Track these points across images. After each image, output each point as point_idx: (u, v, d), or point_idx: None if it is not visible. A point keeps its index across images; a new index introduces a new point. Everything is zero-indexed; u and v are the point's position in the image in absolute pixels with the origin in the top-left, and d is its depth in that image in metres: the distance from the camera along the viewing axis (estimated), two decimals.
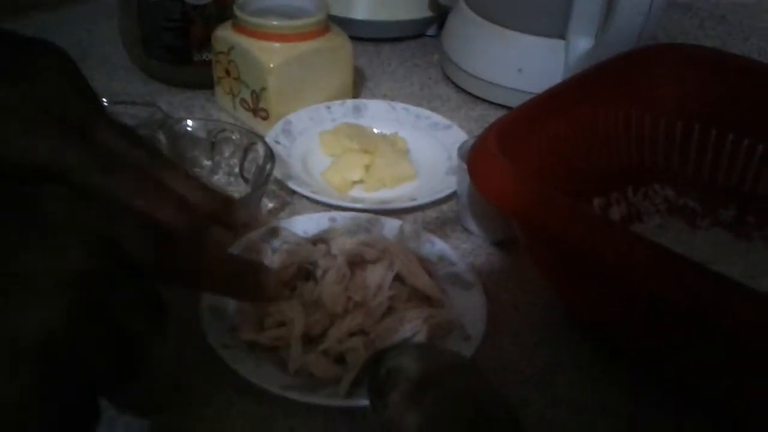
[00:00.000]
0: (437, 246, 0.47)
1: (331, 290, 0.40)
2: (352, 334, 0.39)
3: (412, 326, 0.40)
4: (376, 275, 0.41)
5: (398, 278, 0.43)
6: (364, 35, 0.77)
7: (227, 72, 0.62)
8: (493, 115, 0.67)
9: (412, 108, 0.64)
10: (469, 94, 0.70)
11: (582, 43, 0.64)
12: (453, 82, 0.72)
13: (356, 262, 0.42)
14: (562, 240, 0.35)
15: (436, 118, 0.62)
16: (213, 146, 0.54)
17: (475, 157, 0.39)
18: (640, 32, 0.59)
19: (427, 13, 0.79)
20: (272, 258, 0.44)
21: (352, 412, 0.38)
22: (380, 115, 0.63)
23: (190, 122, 0.54)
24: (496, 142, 0.38)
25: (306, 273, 0.43)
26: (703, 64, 0.52)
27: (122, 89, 0.67)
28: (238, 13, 0.59)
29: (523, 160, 0.40)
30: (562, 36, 0.65)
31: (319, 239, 0.44)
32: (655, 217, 0.52)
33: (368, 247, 0.42)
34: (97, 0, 0.82)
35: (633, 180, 0.52)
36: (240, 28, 0.60)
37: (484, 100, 0.69)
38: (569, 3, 0.63)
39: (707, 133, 0.51)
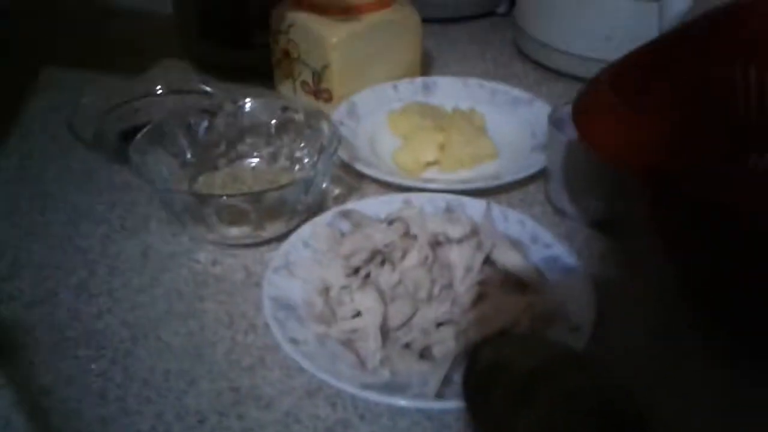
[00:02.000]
0: (528, 226, 0.41)
1: (414, 273, 0.34)
2: (439, 324, 0.33)
3: (511, 316, 0.33)
4: (463, 256, 0.36)
5: (488, 261, 0.37)
6: (431, 15, 0.72)
7: (286, 53, 0.57)
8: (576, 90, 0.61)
9: (488, 83, 0.58)
10: (549, 69, 0.63)
11: (678, 4, 0.57)
12: (530, 59, 0.65)
13: (439, 243, 0.37)
14: (705, 200, 0.28)
15: (516, 92, 0.56)
16: (274, 130, 0.49)
17: (585, 107, 0.33)
18: None
19: None
20: (343, 241, 0.39)
21: (442, 416, 0.32)
22: (453, 93, 0.57)
23: (249, 102, 0.49)
24: (612, 91, 0.32)
25: (381, 258, 0.38)
26: None
27: (176, 79, 0.63)
28: None
29: (637, 111, 0.33)
30: None
31: (395, 218, 0.39)
32: None
33: (453, 226, 0.37)
34: None
35: (756, 147, 0.44)
36: (299, 2, 0.55)
37: (566, 75, 0.62)
38: None
39: None
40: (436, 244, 0.36)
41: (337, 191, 0.49)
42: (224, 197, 0.40)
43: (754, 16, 0.45)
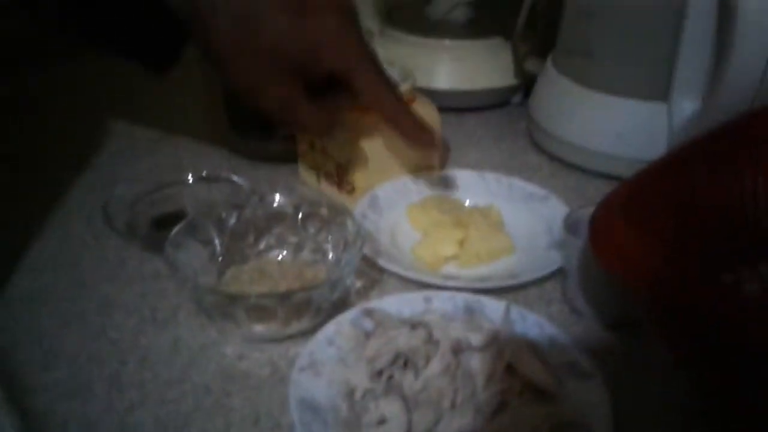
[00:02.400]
0: (547, 330, 0.42)
1: (437, 382, 0.36)
2: None
3: (530, 426, 0.35)
4: (484, 364, 0.37)
5: (508, 368, 0.38)
6: (447, 105, 0.75)
7: (311, 145, 0.60)
8: (592, 184, 0.63)
9: (505, 178, 0.60)
10: (563, 162, 0.66)
11: (687, 107, 0.60)
12: (544, 151, 0.68)
13: (461, 349, 0.38)
14: (705, 321, 0.30)
15: (532, 188, 0.59)
16: (300, 222, 0.51)
17: (599, 229, 0.35)
18: (756, 93, 0.54)
19: (511, 81, 0.77)
20: (366, 343, 0.40)
21: None
22: (470, 187, 0.60)
23: (277, 197, 0.52)
24: (621, 211, 0.34)
25: (404, 360, 0.39)
26: None
27: (206, 164, 0.66)
28: None
29: (649, 230, 0.35)
30: (663, 99, 0.61)
31: (418, 323, 0.40)
32: None
33: (474, 333, 0.38)
34: (181, 76, 0.84)
35: (766, 254, 0.46)
36: None
37: (579, 168, 0.65)
38: (672, 63, 0.59)
39: None
40: (458, 350, 0.38)
41: (359, 284, 0.50)
42: (254, 297, 0.41)
43: (761, 125, 0.48)
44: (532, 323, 0.43)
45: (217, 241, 0.50)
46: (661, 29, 0.58)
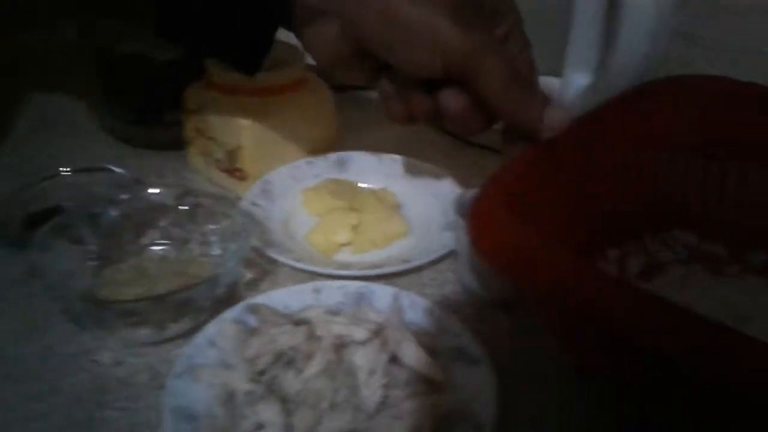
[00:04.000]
0: (436, 315, 0.42)
1: (316, 382, 0.34)
2: None
3: (414, 420, 0.34)
4: (367, 358, 0.36)
5: (393, 359, 0.37)
6: (343, 83, 0.73)
7: (199, 131, 0.57)
8: (487, 160, 0.62)
9: (400, 158, 0.59)
10: (460, 139, 0.65)
11: (580, 80, 0.59)
12: (440, 127, 0.67)
13: (343, 344, 0.37)
14: (570, 305, 0.30)
15: (427, 167, 0.58)
16: (184, 214, 0.49)
17: (475, 214, 0.33)
18: (647, 64, 0.54)
19: None
20: (249, 341, 0.38)
21: None
22: (366, 168, 0.58)
23: (156, 189, 0.48)
24: (499, 196, 0.33)
25: (287, 359, 0.37)
26: (719, 95, 0.47)
27: (87, 154, 0.62)
28: (209, 66, 0.55)
29: (531, 214, 0.35)
30: (556, 73, 0.60)
31: (301, 320, 0.38)
32: (676, 267, 0.46)
33: (357, 327, 0.37)
34: (57, 62, 0.78)
35: (650, 226, 0.47)
36: (212, 83, 0.55)
37: (475, 144, 0.64)
38: (563, 36, 0.58)
39: (728, 170, 0.46)
40: (341, 346, 0.37)
41: (249, 275, 0.48)
42: (126, 302, 0.39)
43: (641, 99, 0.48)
44: (421, 309, 0.42)
45: (91, 242, 0.46)
46: (554, 3, 0.58)
